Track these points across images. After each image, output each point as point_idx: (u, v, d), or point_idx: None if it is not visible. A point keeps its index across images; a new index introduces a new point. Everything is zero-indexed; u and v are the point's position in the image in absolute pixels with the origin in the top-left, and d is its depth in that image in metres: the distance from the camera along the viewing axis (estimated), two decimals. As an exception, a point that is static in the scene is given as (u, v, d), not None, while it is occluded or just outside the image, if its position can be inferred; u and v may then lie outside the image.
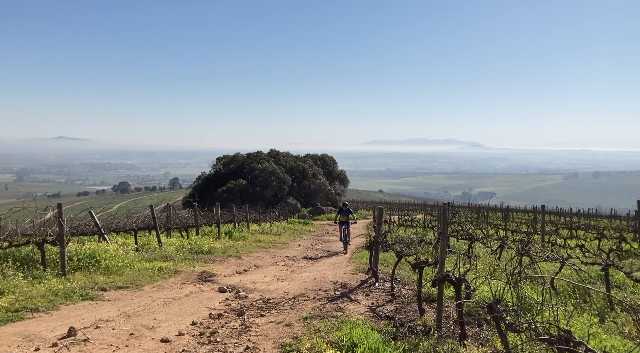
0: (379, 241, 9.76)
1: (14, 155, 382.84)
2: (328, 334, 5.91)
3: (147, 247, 14.41)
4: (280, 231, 25.64)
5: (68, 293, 8.36)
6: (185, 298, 8.64)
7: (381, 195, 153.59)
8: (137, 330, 6.44)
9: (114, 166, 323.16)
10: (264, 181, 50.09)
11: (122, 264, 11.00)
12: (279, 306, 7.86)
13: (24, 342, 5.83)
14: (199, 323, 6.88)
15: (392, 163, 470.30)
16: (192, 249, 14.99)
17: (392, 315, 6.93)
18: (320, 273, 11.31)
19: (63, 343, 5.73)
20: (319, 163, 60.59)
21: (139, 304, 8.04)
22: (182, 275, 10.99)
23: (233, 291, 9.28)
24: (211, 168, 58.74)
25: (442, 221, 6.36)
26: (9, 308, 7.25)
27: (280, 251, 17.31)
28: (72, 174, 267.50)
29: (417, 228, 22.98)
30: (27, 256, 10.44)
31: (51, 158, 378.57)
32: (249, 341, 5.91)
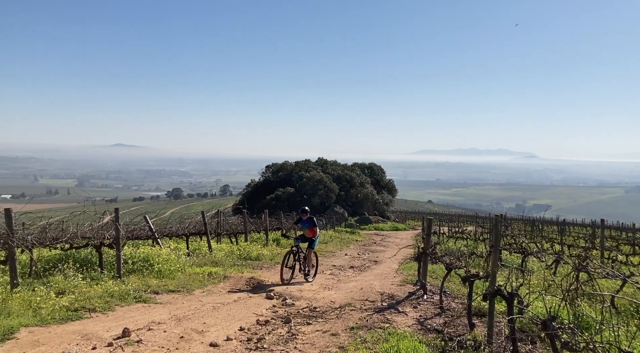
0: (428, 253, 9.59)
1: (76, 161, 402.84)
2: (375, 345, 5.85)
3: (198, 252, 14.77)
4: (327, 240, 25.64)
5: (123, 295, 8.69)
6: (233, 304, 8.78)
7: (430, 206, 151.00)
8: (187, 333, 6.60)
9: (168, 173, 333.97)
10: (312, 189, 50.37)
11: (174, 268, 11.32)
12: (326, 315, 7.85)
13: (82, 340, 6.09)
14: (246, 328, 6.97)
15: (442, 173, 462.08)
16: (241, 255, 15.23)
17: (440, 328, 6.78)
18: (367, 283, 11.22)
19: (118, 343, 5.95)
20: (366, 172, 60.35)
21: (189, 308, 8.24)
22: (231, 280, 11.18)
23: (280, 298, 9.35)
24: (260, 176, 59.66)
25: (494, 233, 6.18)
26: (69, 308, 7.61)
27: (326, 259, 17.30)
28: (128, 180, 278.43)
29: (468, 240, 22.43)
30: (86, 258, 10.93)
31: (110, 164, 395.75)
32: (295, 349, 5.93)
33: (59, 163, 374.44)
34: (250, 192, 56.32)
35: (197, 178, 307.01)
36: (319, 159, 61.11)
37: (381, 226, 43.31)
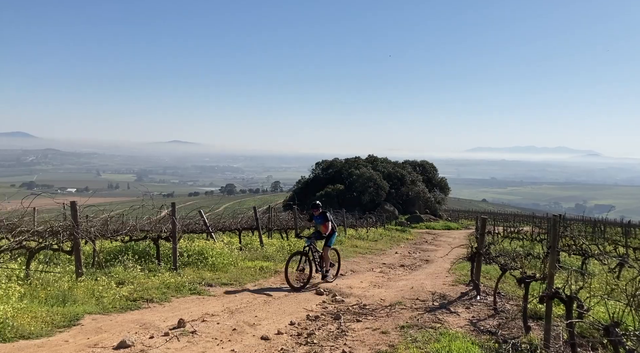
0: (482, 253, 9.35)
1: (135, 157, 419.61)
2: (425, 345, 5.77)
3: (250, 246, 15.05)
4: (377, 238, 25.51)
5: (178, 286, 8.99)
6: (284, 298, 8.89)
7: (484, 205, 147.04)
8: (240, 326, 6.75)
9: (221, 169, 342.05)
10: (361, 186, 50.19)
11: (227, 262, 11.59)
12: (375, 313, 7.81)
13: (140, 329, 6.35)
14: (296, 323, 7.05)
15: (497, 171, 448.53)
16: (291, 250, 15.37)
17: (494, 330, 6.60)
18: (418, 282, 11.08)
19: (174, 334, 6.16)
20: (418, 170, 59.50)
21: (242, 301, 8.42)
22: (282, 275, 11.30)
23: (330, 294, 9.39)
24: (310, 173, 60.02)
25: (552, 234, 5.95)
26: (129, 297, 7.95)
27: (376, 257, 17.21)
28: (184, 176, 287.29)
29: (524, 240, 21.70)
30: (144, 250, 11.38)
31: (166, 160, 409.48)
32: (345, 345, 5.94)
33: (120, 159, 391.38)
34: (300, 188, 56.81)
35: (249, 174, 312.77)
36: (369, 156, 60.78)
37: (433, 224, 42.61)
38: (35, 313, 6.40)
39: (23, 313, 6.21)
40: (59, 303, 7.10)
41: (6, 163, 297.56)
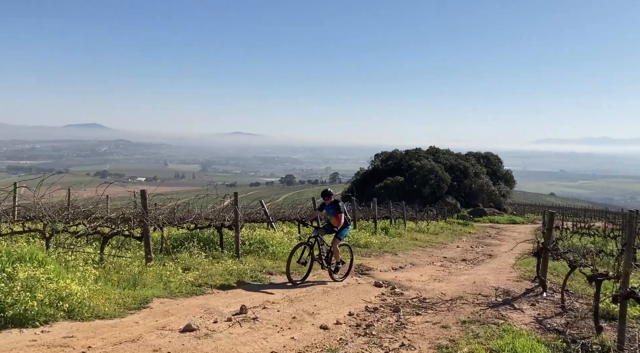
0: (549, 249, 8.96)
1: (200, 148, 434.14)
2: (488, 341, 5.62)
3: (309, 237, 15.18)
4: (437, 231, 25.05)
5: (240, 273, 9.24)
6: (342, 289, 8.94)
7: (552, 198, 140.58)
8: (299, 314, 6.85)
9: (281, 160, 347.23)
10: (422, 178, 49.38)
11: (286, 251, 11.75)
12: (435, 306, 7.69)
13: (205, 314, 6.59)
14: (355, 314, 7.06)
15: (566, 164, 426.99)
16: (350, 242, 15.40)
17: (562, 329, 6.32)
18: (481, 277, 10.78)
19: (236, 319, 6.35)
20: (481, 162, 57.74)
21: (301, 290, 8.54)
22: (341, 266, 11.35)
23: (389, 286, 9.34)
24: (369, 164, 59.68)
25: (628, 230, 5.60)
26: (194, 283, 8.27)
27: (437, 251, 16.92)
28: (246, 166, 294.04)
29: (595, 236, 20.57)
30: (208, 238, 11.78)
31: (229, 151, 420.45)
32: (404, 338, 5.89)
33: (185, 150, 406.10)
34: (358, 180, 56.66)
35: (308, 165, 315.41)
36: (431, 147, 59.62)
37: (497, 218, 41.29)
38: (108, 295, 6.79)
39: (98, 295, 6.60)
40: (130, 286, 7.49)
41: (82, 152, 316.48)
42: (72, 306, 5.95)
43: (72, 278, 6.58)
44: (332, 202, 9.55)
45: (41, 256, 7.02)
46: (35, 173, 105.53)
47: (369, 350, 5.40)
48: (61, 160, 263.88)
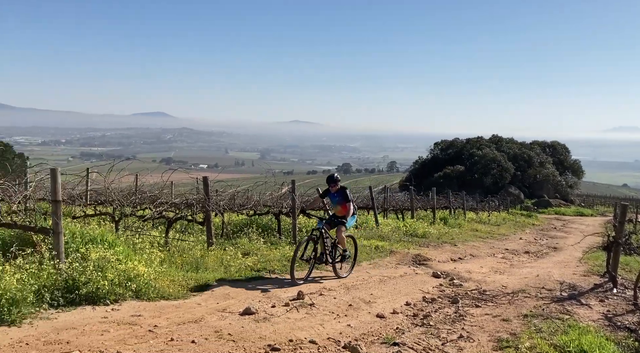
0: (620, 242, 8.47)
1: (259, 136, 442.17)
2: (551, 336, 5.41)
3: (365, 225, 15.18)
4: (499, 222, 24.30)
5: (298, 260, 9.36)
6: (399, 279, 8.87)
7: (625, 190, 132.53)
8: (355, 302, 6.87)
9: (338, 149, 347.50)
10: (483, 168, 47.96)
11: (342, 239, 11.81)
12: (496, 299, 7.48)
13: (263, 298, 6.75)
14: (412, 304, 7.00)
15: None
16: (407, 231, 15.25)
17: (634, 327, 5.98)
18: (545, 270, 10.37)
19: (293, 304, 6.46)
20: (547, 151, 55.33)
21: (357, 278, 8.55)
22: (397, 255, 11.28)
23: (447, 277, 9.17)
24: (428, 153, 58.64)
25: None
26: (253, 267, 8.48)
27: (498, 242, 16.42)
28: (303, 155, 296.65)
29: (673, 231, 19.26)
30: (267, 225, 12.02)
31: (287, 139, 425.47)
32: (462, 330, 5.78)
33: (245, 138, 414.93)
34: (417, 169, 55.85)
35: (365, 153, 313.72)
36: (493, 136, 57.74)
37: (563, 210, 39.54)
38: (172, 277, 7.09)
39: (163, 277, 6.91)
40: (192, 269, 7.79)
41: (148, 140, 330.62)
42: (139, 287, 6.26)
43: (139, 260, 6.92)
44: (338, 189, 8.42)
45: (111, 238, 7.42)
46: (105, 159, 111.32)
47: (426, 341, 5.34)
48: (129, 147, 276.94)
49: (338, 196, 8.43)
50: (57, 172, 6.38)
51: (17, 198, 7.24)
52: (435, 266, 10.40)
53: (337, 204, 8.52)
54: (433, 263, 10.80)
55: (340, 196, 8.41)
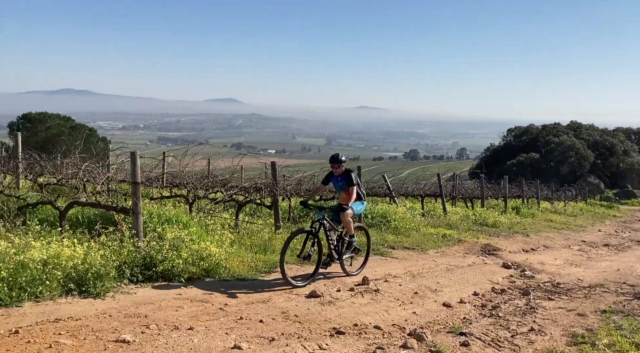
0: None
1: (325, 122, 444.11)
2: (633, 335, 5.09)
3: (432, 213, 14.93)
4: (576, 213, 23.07)
5: (363, 246, 9.36)
6: (467, 268, 8.67)
7: None
8: (421, 290, 6.80)
9: (405, 135, 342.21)
10: (560, 156, 45.55)
11: (409, 226, 11.69)
12: (571, 293, 7.13)
13: (328, 282, 6.84)
14: (480, 294, 6.83)
15: None
16: (476, 220, 14.84)
17: None
18: (626, 264, 9.75)
19: (358, 290, 6.50)
20: (633, 138, 51.67)
21: (423, 266, 8.45)
22: (465, 244, 11.02)
23: (518, 269, 8.85)
24: (501, 140, 56.54)
25: None
26: (318, 252, 8.58)
27: (574, 234, 15.60)
28: (369, 141, 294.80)
29: None
30: (332, 210, 12.10)
31: (354, 125, 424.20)
32: (533, 323, 5.57)
33: (312, 124, 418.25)
34: (488, 156, 54.01)
35: (434, 140, 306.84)
36: (571, 122, 54.60)
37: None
38: (242, 258, 7.33)
39: (233, 257, 7.16)
40: (260, 251, 8.01)
41: (220, 125, 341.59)
42: (211, 266, 6.54)
43: (211, 240, 7.20)
44: (342, 172, 7.27)
45: (185, 219, 7.78)
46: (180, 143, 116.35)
47: (494, 332, 5.20)
48: (202, 132, 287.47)
49: (342, 180, 7.28)
50: (137, 155, 6.76)
51: (101, 180, 7.74)
52: (506, 257, 10.07)
53: (342, 190, 7.38)
54: (503, 254, 10.46)
55: (344, 181, 7.26)
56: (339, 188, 7.40)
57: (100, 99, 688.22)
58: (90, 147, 10.64)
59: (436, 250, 10.20)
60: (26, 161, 9.94)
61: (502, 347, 4.81)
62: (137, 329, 4.50)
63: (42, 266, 5.19)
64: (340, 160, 7.20)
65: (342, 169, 7.23)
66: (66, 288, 5.26)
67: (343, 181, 7.24)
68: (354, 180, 7.16)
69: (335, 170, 7.27)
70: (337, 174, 7.28)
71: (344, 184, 7.24)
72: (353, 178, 7.16)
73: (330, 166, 7.30)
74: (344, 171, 7.24)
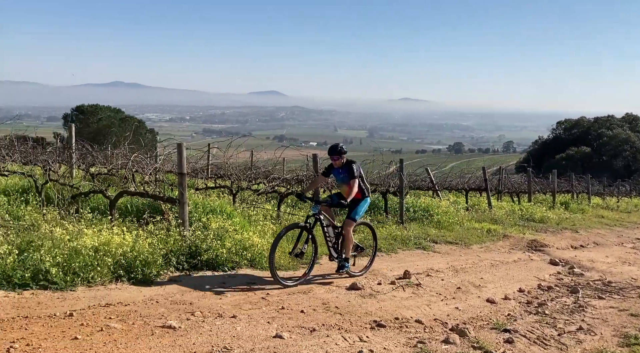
0: None
1: (367, 114, 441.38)
2: (690, 339, 4.85)
3: (477, 208, 14.62)
4: (630, 209, 22.06)
5: (404, 239, 9.30)
6: (512, 264, 8.47)
7: None
8: (464, 285, 6.69)
9: (450, 127, 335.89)
10: (613, 150, 43.66)
11: (452, 221, 11.49)
12: (623, 292, 6.85)
13: (369, 275, 6.82)
14: (526, 291, 6.66)
15: None
16: (523, 216, 14.45)
17: None
18: (685, 264, 9.28)
19: (399, 283, 6.45)
20: (696, 131, 48.83)
21: (467, 261, 8.30)
22: (511, 240, 10.75)
23: (566, 266, 8.57)
24: (550, 133, 54.73)
25: None
26: (359, 245, 8.54)
27: (628, 231, 14.94)
28: (412, 133, 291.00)
29: None
30: (373, 203, 11.99)
31: (396, 117, 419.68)
32: (582, 321, 5.39)
33: (354, 116, 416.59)
34: (536, 150, 52.41)
35: (479, 132, 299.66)
36: (627, 115, 52.19)
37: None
38: (283, 249, 7.39)
39: (275, 248, 7.24)
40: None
41: (263, 118, 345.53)
42: (254, 256, 6.65)
43: (254, 231, 7.32)
44: (344, 164, 6.60)
45: (229, 209, 7.93)
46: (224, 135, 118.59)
47: (540, 330, 5.06)
48: (245, 124, 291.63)
49: (343, 172, 6.61)
50: (183, 147, 6.93)
51: (149, 170, 7.98)
52: (553, 253, 9.76)
53: (343, 183, 6.72)
54: (551, 250, 10.14)
55: (345, 172, 6.57)
56: (340, 180, 6.78)
57: (148, 92, 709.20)
58: (139, 138, 11.00)
59: (480, 245, 10.00)
60: (79, 151, 10.39)
61: (549, 345, 4.68)
62: (183, 316, 4.63)
63: (93, 253, 5.41)
64: (339, 151, 6.54)
65: (342, 161, 6.59)
66: (116, 274, 5.47)
67: (344, 173, 6.61)
68: (355, 172, 6.46)
69: (335, 162, 6.62)
70: (337, 166, 6.64)
71: (345, 176, 6.61)
72: (355, 170, 6.47)
73: (331, 157, 6.61)
74: (345, 163, 6.59)
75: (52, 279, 4.98)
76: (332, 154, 6.55)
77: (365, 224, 7.40)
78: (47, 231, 5.73)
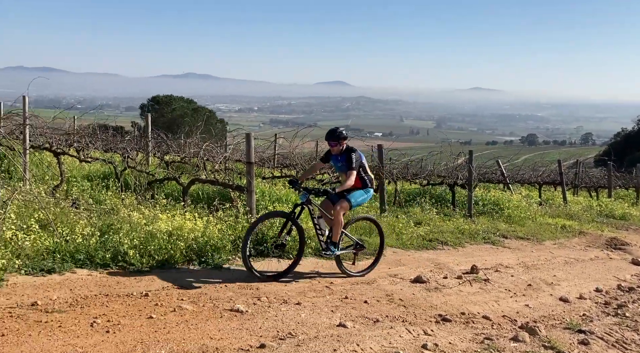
0: None
1: (434, 104, 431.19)
2: None
3: (551, 203, 13.97)
4: None
5: (472, 233, 9.04)
6: (589, 262, 8.02)
7: None
8: (535, 282, 6.43)
9: (523, 118, 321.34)
10: None
11: (524, 215, 11.05)
12: None
13: (435, 268, 6.71)
14: (604, 291, 6.30)
15: None
16: (602, 212, 13.63)
17: None
18: None
19: (466, 278, 6.29)
20: None
21: (539, 258, 7.96)
22: (588, 237, 10.19)
23: (650, 267, 8.01)
24: (634, 124, 51.02)
25: None
26: (425, 237, 8.42)
27: None
28: (482, 124, 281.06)
29: None
30: (440, 195, 11.80)
31: (466, 107, 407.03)
32: (667, 327, 5.02)
33: (421, 106, 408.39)
34: (618, 142, 49.08)
35: (555, 124, 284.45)
36: None
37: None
38: (348, 239, 7.42)
39: (339, 237, 7.28)
40: (366, 233, 8.02)
41: (328, 108, 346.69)
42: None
43: (319, 220, 7.38)
44: (342, 151, 5.94)
45: (294, 198, 8.05)
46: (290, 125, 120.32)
47: (620, 333, 4.77)
48: (311, 115, 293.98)
49: (342, 160, 5.92)
50: (251, 137, 7.10)
51: (219, 159, 8.25)
52: (636, 253, 9.14)
53: (341, 171, 6.11)
54: (633, 249, 9.51)
55: (344, 161, 5.88)
56: (338, 169, 6.18)
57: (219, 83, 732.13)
58: (210, 128, 11.41)
59: (553, 241, 9.54)
60: (154, 140, 10.91)
61: (629, 349, 4.42)
62: (250, 300, 4.77)
63: (167, 237, 5.69)
64: (338, 136, 5.84)
65: (341, 147, 5.92)
66: (187, 258, 5.73)
67: (342, 162, 5.90)
68: (354, 162, 5.76)
69: (333, 148, 5.95)
70: (335, 152, 5.98)
71: (343, 165, 5.90)
72: (354, 160, 5.77)
73: (328, 142, 5.94)
74: (345, 150, 5.93)
75: (130, 260, 5.29)
76: (330, 139, 5.88)
77: (369, 219, 6.86)
78: (126, 215, 6.09)
